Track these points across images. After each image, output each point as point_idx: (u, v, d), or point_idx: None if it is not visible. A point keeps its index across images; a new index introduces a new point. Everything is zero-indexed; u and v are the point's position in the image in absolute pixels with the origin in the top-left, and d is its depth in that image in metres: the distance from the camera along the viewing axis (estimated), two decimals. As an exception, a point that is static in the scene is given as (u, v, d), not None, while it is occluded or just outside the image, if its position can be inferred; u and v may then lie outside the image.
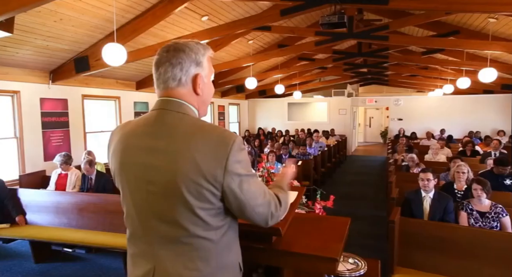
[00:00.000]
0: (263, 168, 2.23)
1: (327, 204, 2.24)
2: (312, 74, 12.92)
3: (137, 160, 1.13)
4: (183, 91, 1.17)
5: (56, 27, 5.00)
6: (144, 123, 1.17)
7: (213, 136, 1.10)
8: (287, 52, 8.26)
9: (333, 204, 2.45)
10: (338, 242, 1.50)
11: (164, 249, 1.13)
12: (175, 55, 1.14)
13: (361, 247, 4.51)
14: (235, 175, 1.09)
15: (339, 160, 11.22)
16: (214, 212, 1.12)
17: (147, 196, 1.12)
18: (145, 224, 1.14)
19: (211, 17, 6.43)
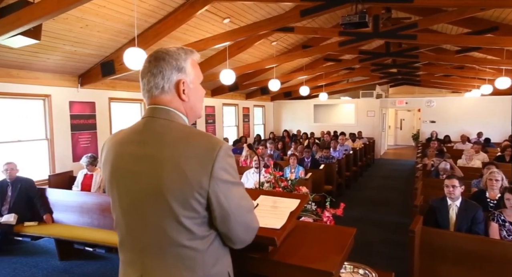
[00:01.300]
0: (269, 173, 2.16)
1: (336, 212, 2.13)
2: (339, 75, 12.65)
3: (126, 168, 1.13)
4: (167, 98, 1.16)
5: (82, 33, 5.19)
6: (133, 131, 1.17)
7: (200, 143, 1.08)
8: (310, 53, 8.12)
9: (357, 210, 2.32)
10: (337, 254, 1.40)
11: (150, 258, 1.11)
12: (156, 64, 1.14)
13: (382, 256, 4.32)
14: (220, 182, 1.07)
15: (366, 163, 10.89)
16: (199, 221, 1.09)
17: (134, 204, 1.11)
18: (132, 232, 1.14)
19: (233, 19, 6.43)
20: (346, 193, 7.62)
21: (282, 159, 7.74)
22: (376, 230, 5.27)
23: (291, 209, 1.62)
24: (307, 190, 2.23)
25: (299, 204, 1.68)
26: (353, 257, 4.27)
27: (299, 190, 2.16)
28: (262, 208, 1.69)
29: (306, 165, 6.77)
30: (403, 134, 18.35)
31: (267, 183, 2.17)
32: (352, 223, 5.48)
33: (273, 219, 1.56)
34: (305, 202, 1.85)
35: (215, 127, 11.12)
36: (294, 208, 1.64)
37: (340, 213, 2.14)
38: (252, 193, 1.86)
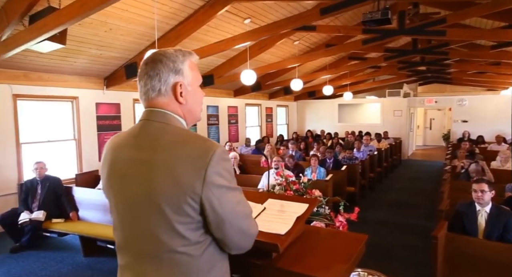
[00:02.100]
0: (280, 176, 2.11)
1: (350, 217, 2.06)
2: (364, 73, 12.35)
3: (121, 173, 1.12)
4: (164, 101, 1.14)
5: (107, 36, 5.35)
6: (130, 135, 1.16)
7: (193, 147, 1.05)
8: (332, 52, 7.96)
9: (380, 212, 2.24)
10: (344, 262, 1.35)
11: (145, 263, 1.11)
12: (153, 66, 1.12)
13: (404, 262, 4.16)
14: (214, 186, 1.03)
15: (392, 164, 10.56)
16: (194, 226, 1.07)
17: (129, 209, 1.11)
18: (128, 236, 1.14)
19: (254, 19, 6.42)
20: (370, 195, 7.41)
21: (304, 160, 7.64)
22: (399, 234, 5.09)
23: (298, 214, 1.57)
24: (320, 194, 2.16)
25: (307, 209, 1.63)
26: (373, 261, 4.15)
27: (311, 194, 2.10)
28: (268, 212, 1.65)
29: (328, 166, 6.64)
30: (432, 134, 17.66)
31: (278, 186, 2.12)
32: (374, 226, 5.36)
33: (278, 224, 1.52)
34: (314, 207, 1.79)
35: (237, 127, 11.16)
36: (301, 213, 1.59)
37: (354, 218, 2.06)
38: (260, 196, 1.84)
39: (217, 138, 10.17)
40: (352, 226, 5.32)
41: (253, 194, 1.84)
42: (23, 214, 4.63)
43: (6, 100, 5.44)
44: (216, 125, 10.21)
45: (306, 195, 2.09)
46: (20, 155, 5.60)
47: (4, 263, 4.34)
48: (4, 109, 5.43)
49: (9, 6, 4.02)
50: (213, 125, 10.06)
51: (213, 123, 10.06)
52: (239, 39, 5.62)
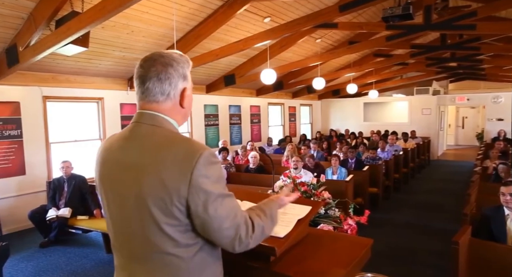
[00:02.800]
0: (288, 177, 2.07)
1: (360, 220, 1.98)
2: (390, 71, 11.97)
3: (111, 175, 1.14)
4: (169, 105, 1.15)
5: (129, 38, 5.49)
6: (121, 137, 1.17)
7: (180, 150, 1.05)
8: (355, 49, 7.76)
9: (404, 215, 2.15)
10: (343, 267, 1.30)
11: (137, 264, 1.12)
12: (164, 69, 1.12)
13: (426, 267, 4.00)
14: (200, 190, 1.02)
15: (420, 165, 10.17)
16: (182, 229, 1.06)
17: (120, 210, 1.12)
18: (120, 237, 1.15)
19: (274, 18, 6.37)
20: (394, 196, 7.17)
21: (326, 160, 7.52)
22: (423, 237, 4.88)
23: (300, 217, 1.54)
24: (329, 196, 2.10)
25: (309, 212, 1.59)
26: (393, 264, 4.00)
27: (319, 195, 2.04)
28: (270, 214, 1.62)
29: (350, 166, 6.49)
30: (465, 133, 16.85)
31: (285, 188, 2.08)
32: (397, 229, 5.18)
33: (278, 227, 1.48)
34: (317, 210, 1.74)
35: (260, 127, 11.15)
36: (303, 215, 1.55)
37: (364, 221, 1.99)
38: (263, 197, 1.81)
39: (239, 138, 10.21)
40: (372, 228, 5.20)
41: (256, 195, 1.81)
42: (51, 211, 4.85)
43: (36, 102, 5.72)
44: (239, 124, 10.25)
45: (314, 197, 2.03)
46: (50, 154, 5.87)
47: (33, 257, 4.57)
48: (35, 110, 5.71)
49: (37, 12, 4.21)
50: (235, 125, 10.10)
51: (235, 122, 10.11)
52: (257, 38, 5.59)
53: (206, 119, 9.06)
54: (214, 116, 9.30)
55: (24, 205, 5.23)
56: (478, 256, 2.73)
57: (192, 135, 8.60)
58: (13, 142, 5.42)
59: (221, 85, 8.63)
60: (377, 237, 4.77)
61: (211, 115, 9.21)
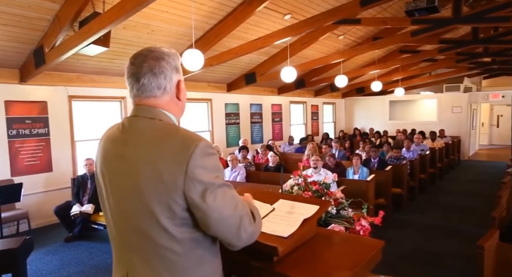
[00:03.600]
0: (299, 176, 2.01)
1: (374, 221, 1.89)
2: (418, 67, 11.54)
3: (110, 166, 1.14)
4: (167, 98, 1.15)
5: (149, 38, 5.58)
6: (119, 130, 1.16)
7: (176, 141, 1.04)
8: (378, 46, 7.51)
9: (429, 216, 2.04)
10: (347, 269, 1.23)
11: (134, 257, 1.11)
12: (157, 64, 1.11)
13: (451, 271, 3.80)
14: (197, 181, 1.00)
15: (449, 165, 9.75)
16: (178, 223, 1.04)
17: (118, 203, 1.12)
18: (118, 229, 1.14)
19: (294, 15, 6.29)
20: (420, 197, 6.90)
21: (348, 159, 7.35)
22: (450, 241, 4.65)
23: (306, 216, 1.47)
24: (342, 195, 2.01)
25: (317, 211, 1.53)
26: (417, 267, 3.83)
27: (331, 195, 1.97)
28: (277, 213, 1.58)
29: (372, 165, 6.30)
30: (500, 133, 16.00)
31: (296, 186, 2.02)
32: (421, 231, 4.98)
33: (283, 226, 1.44)
34: (325, 209, 1.67)
35: (281, 126, 11.06)
36: (309, 215, 1.49)
37: (378, 222, 1.90)
38: (272, 196, 1.76)
39: (260, 137, 10.18)
40: (395, 230, 5.02)
41: (264, 194, 1.77)
42: (75, 206, 5.01)
43: (62, 101, 5.93)
44: (260, 123, 10.21)
45: (326, 196, 1.96)
46: (75, 152, 6.08)
47: (58, 251, 4.74)
48: (61, 109, 5.92)
49: (61, 13, 4.35)
50: (256, 124, 10.08)
51: (256, 121, 10.08)
52: (276, 36, 5.52)
53: (227, 117, 9.09)
54: (235, 114, 9.31)
55: (50, 200, 5.44)
56: (506, 261, 2.55)
57: (213, 134, 8.65)
58: (41, 140, 5.65)
59: (242, 83, 8.62)
60: (400, 239, 4.65)
61: (232, 114, 9.23)
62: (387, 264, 4.01)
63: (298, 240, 1.41)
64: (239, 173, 5.95)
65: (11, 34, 4.57)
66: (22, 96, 5.48)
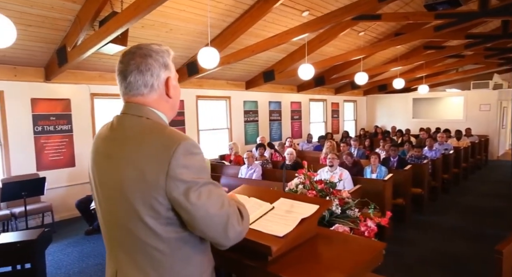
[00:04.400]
0: (303, 174, 1.98)
1: (381, 222, 1.84)
2: (443, 64, 11.12)
3: (98, 165, 1.14)
4: (155, 96, 1.13)
5: (168, 36, 5.66)
6: (109, 128, 1.17)
7: (159, 140, 1.03)
8: (399, 42, 7.28)
9: (452, 218, 1.98)
10: (341, 272, 1.20)
11: (122, 254, 1.12)
12: (143, 61, 1.10)
13: (472, 275, 3.64)
14: (179, 181, 0.99)
15: (476, 165, 9.37)
16: (163, 222, 1.04)
17: (106, 201, 1.12)
18: (107, 227, 1.15)
19: (312, 11, 6.21)
20: (442, 198, 6.67)
21: (367, 158, 7.18)
22: (471, 244, 4.47)
23: (304, 216, 1.45)
24: (348, 195, 1.97)
25: (316, 211, 1.50)
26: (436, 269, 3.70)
27: (336, 194, 1.93)
28: (275, 212, 1.56)
29: (391, 165, 6.14)
30: (533, 132, 15.19)
31: (301, 185, 2.00)
32: (442, 232, 4.83)
33: (280, 226, 1.43)
34: (325, 209, 1.64)
35: (301, 124, 10.98)
36: (308, 214, 1.47)
37: (385, 223, 1.84)
38: (274, 194, 1.74)
39: (279, 134, 10.14)
40: (415, 231, 4.87)
41: (266, 192, 1.76)
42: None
43: (85, 99, 6.13)
44: (279, 121, 10.17)
45: (331, 195, 1.93)
46: (96, 148, 6.26)
47: (79, 243, 4.91)
48: (84, 107, 6.12)
49: (82, 13, 4.49)
50: (275, 121, 10.04)
51: (275, 119, 10.05)
52: (293, 33, 5.46)
53: (246, 115, 9.10)
54: (253, 112, 9.31)
55: (73, 195, 5.64)
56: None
57: (231, 131, 8.70)
58: (64, 136, 5.87)
59: (260, 81, 8.61)
60: (419, 241, 4.53)
61: (251, 112, 9.24)
62: (404, 265, 3.91)
63: (295, 240, 1.39)
64: (255, 171, 5.95)
65: (36, 34, 4.76)
66: (47, 94, 5.71)
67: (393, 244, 4.54)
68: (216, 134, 8.39)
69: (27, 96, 5.51)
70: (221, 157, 7.64)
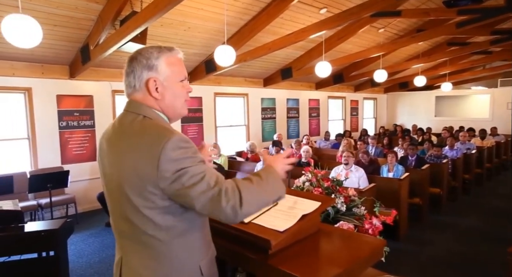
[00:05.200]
0: (310, 172, 2.02)
1: (386, 220, 1.86)
2: (469, 61, 10.76)
3: (102, 160, 1.24)
4: (139, 96, 1.20)
5: (186, 35, 5.77)
6: (112, 124, 1.26)
7: (150, 136, 1.09)
8: (420, 39, 7.09)
9: (471, 219, 1.98)
10: (337, 266, 1.24)
11: (126, 242, 1.20)
12: (129, 64, 1.19)
13: (488, 279, 3.57)
14: (169, 173, 1.05)
15: (501, 166, 9.03)
16: (160, 211, 1.11)
17: (109, 194, 1.22)
18: (113, 218, 1.24)
19: (330, 8, 6.16)
20: (463, 199, 6.50)
21: (385, 156, 7.08)
22: (491, 246, 4.35)
23: (305, 212, 1.50)
24: (354, 193, 1.99)
25: (317, 207, 1.54)
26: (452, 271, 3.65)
27: (342, 192, 1.95)
28: (279, 208, 1.61)
29: (409, 164, 6.04)
30: None
31: (308, 182, 2.03)
32: (461, 233, 4.75)
33: (281, 221, 1.48)
34: (327, 206, 1.67)
35: (319, 121, 10.92)
36: (309, 211, 1.51)
37: (390, 221, 1.85)
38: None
39: (297, 132, 10.13)
40: (432, 230, 4.79)
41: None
42: (115, 193, 5.37)
43: (107, 95, 6.35)
44: (296, 118, 10.16)
45: (336, 193, 1.95)
46: (117, 143, 6.48)
47: (99, 234, 5.12)
48: (105, 103, 6.34)
49: (104, 13, 4.65)
50: (292, 119, 10.04)
51: (292, 116, 10.04)
52: (309, 30, 5.45)
53: (263, 112, 9.15)
54: (271, 109, 9.35)
55: (95, 188, 5.86)
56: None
57: (249, 128, 8.77)
58: (87, 131, 6.11)
59: (278, 78, 8.63)
60: (436, 241, 4.46)
61: (268, 109, 9.27)
62: (418, 264, 3.87)
63: (296, 235, 1.44)
64: (270, 168, 5.99)
65: (62, 33, 4.97)
66: (71, 91, 5.95)
67: (408, 243, 4.49)
68: (234, 130, 8.48)
69: (53, 92, 5.77)
70: (238, 153, 7.72)
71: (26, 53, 5.10)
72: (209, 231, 1.30)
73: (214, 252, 1.32)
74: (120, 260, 1.22)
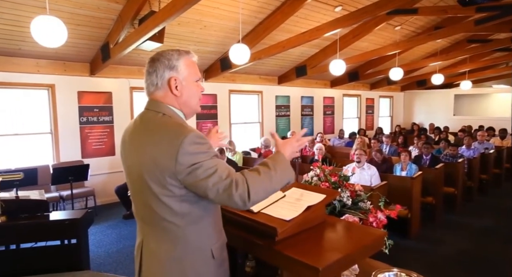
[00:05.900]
0: (318, 167, 2.09)
1: (391, 214, 1.91)
2: (490, 58, 10.50)
3: (125, 152, 1.37)
4: (160, 94, 1.33)
5: (202, 33, 5.89)
6: (133, 121, 1.39)
7: (169, 132, 1.22)
8: (437, 36, 6.98)
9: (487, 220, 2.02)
10: (338, 252, 1.32)
11: (146, 227, 1.33)
12: (152, 65, 1.32)
13: (500, 278, 3.55)
14: (186, 166, 1.17)
15: (521, 166, 8.80)
16: (178, 199, 1.23)
17: (131, 183, 1.35)
18: (135, 205, 1.38)
19: (345, 6, 6.16)
20: (479, 199, 6.41)
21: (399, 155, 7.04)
22: (506, 248, 4.31)
23: (311, 203, 1.58)
24: (361, 188, 2.05)
25: (322, 200, 1.63)
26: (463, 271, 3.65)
27: (348, 187, 2.02)
28: (286, 199, 1.70)
29: (424, 163, 6.00)
30: None
31: (316, 177, 2.11)
32: (474, 234, 4.74)
33: (288, 211, 1.56)
34: (332, 198, 1.74)
35: (333, 119, 10.90)
36: (314, 202, 1.59)
37: (394, 216, 1.91)
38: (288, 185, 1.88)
39: (311, 129, 10.15)
40: (445, 230, 4.78)
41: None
42: (132, 187, 5.55)
43: (125, 92, 6.56)
44: (310, 116, 10.18)
45: (342, 188, 2.02)
46: (135, 138, 6.69)
47: (117, 226, 5.32)
48: (124, 99, 6.55)
49: (123, 13, 4.82)
50: (307, 116, 10.06)
51: (307, 114, 10.06)
52: (323, 29, 5.48)
53: (278, 109, 9.21)
54: (285, 107, 9.40)
55: (113, 181, 6.08)
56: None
57: (263, 126, 8.85)
58: (106, 126, 6.34)
59: (293, 76, 8.67)
60: (449, 241, 4.45)
61: (283, 106, 9.33)
62: (428, 263, 3.88)
63: (301, 225, 1.52)
64: (283, 164, 6.06)
65: (84, 32, 5.17)
66: (91, 87, 6.18)
67: (420, 242, 4.50)
68: (248, 127, 8.59)
69: (75, 89, 6.01)
70: (252, 150, 7.82)
71: (50, 51, 5.33)
72: (221, 219, 1.42)
73: (225, 238, 1.43)
74: (141, 242, 1.35)
